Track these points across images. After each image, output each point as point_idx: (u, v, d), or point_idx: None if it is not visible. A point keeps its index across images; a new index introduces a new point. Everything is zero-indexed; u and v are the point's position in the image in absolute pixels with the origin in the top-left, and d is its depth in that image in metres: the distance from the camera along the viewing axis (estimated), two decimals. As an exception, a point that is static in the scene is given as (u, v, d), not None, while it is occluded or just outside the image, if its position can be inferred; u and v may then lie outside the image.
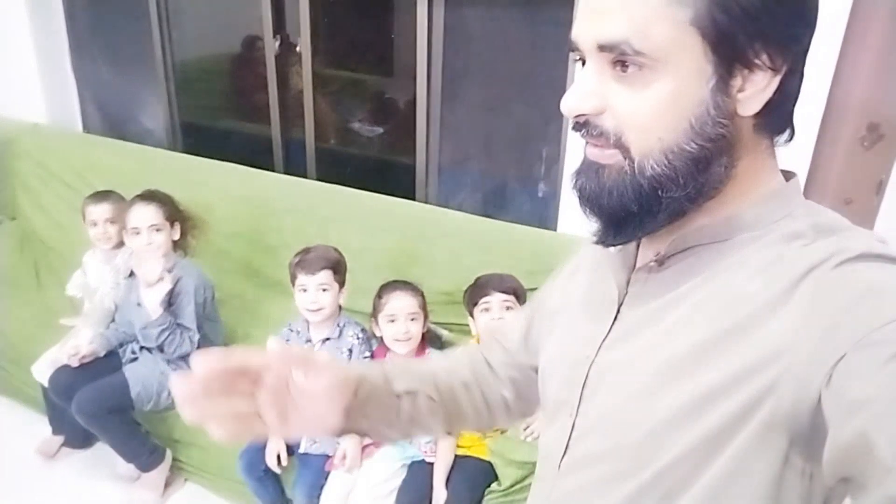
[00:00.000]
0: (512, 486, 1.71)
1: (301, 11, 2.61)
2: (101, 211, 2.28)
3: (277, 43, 2.75)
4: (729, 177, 0.59)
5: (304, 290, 1.87)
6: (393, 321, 1.84)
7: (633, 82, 0.56)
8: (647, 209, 0.58)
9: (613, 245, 0.64)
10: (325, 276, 1.85)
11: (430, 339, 1.94)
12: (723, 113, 0.56)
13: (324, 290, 1.85)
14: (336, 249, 1.96)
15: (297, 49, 2.70)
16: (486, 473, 1.78)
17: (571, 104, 0.59)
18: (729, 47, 0.54)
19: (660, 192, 0.58)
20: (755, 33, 0.54)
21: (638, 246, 0.70)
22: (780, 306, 0.55)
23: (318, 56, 2.70)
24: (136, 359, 2.13)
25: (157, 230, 2.07)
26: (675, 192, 0.58)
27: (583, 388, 0.69)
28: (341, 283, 1.89)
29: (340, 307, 1.95)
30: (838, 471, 0.49)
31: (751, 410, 0.54)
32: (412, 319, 1.84)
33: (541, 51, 2.29)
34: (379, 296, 1.90)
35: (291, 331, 1.96)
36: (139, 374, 2.04)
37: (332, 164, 2.88)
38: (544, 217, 2.44)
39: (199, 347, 2.12)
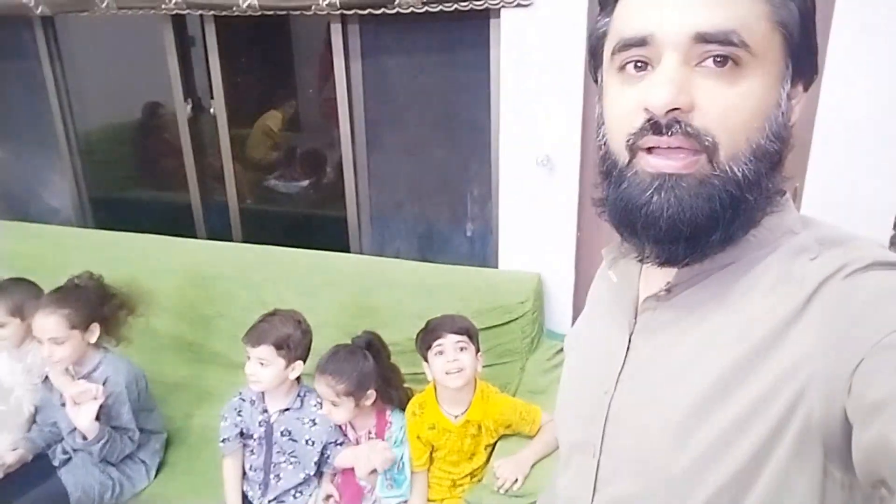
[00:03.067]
0: (492, 535, 1.67)
1: (213, 73, 2.55)
2: None
3: (189, 107, 2.67)
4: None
5: (248, 358, 1.78)
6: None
7: (728, 78, 0.54)
8: (733, 216, 0.57)
9: (680, 265, 0.61)
10: (265, 351, 1.75)
11: (384, 398, 1.87)
12: (787, 118, 0.58)
13: (261, 364, 1.76)
14: (297, 321, 1.84)
15: (211, 111, 2.63)
16: (463, 526, 1.74)
17: (667, 98, 0.54)
18: (799, 55, 0.57)
19: (748, 195, 0.56)
20: (812, 48, 0.58)
21: (640, 271, 0.70)
22: (796, 322, 0.55)
23: (231, 116, 2.63)
24: (69, 459, 1.96)
25: (59, 343, 1.84)
26: (758, 195, 0.57)
27: (604, 425, 0.67)
28: (292, 358, 1.79)
29: (299, 378, 1.86)
30: (867, 474, 0.49)
31: (783, 428, 0.54)
32: (333, 405, 1.76)
33: (461, 92, 2.33)
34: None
35: (244, 400, 1.86)
36: (77, 478, 1.86)
37: (257, 225, 2.80)
38: (483, 256, 2.45)
39: (139, 444, 1.98)
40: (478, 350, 1.78)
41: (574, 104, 2.05)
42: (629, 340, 0.67)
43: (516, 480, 1.68)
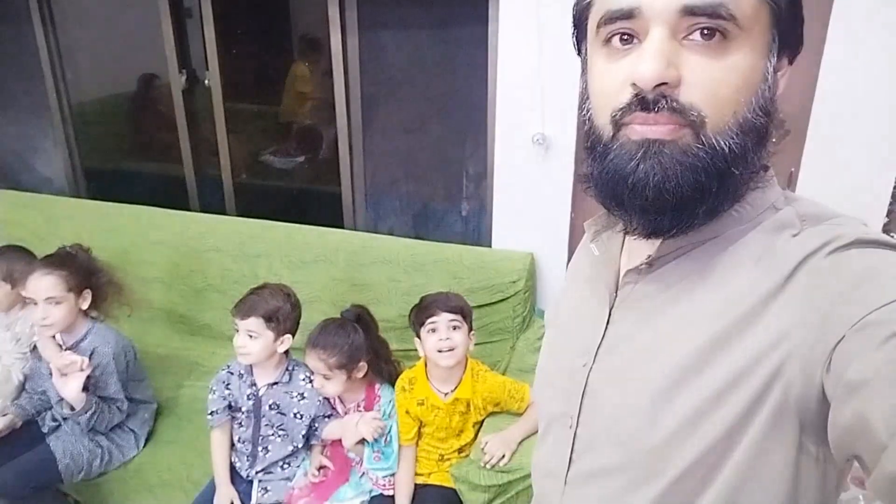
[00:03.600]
0: (479, 510, 1.68)
1: (208, 45, 2.52)
2: None
3: (183, 78, 2.64)
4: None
5: (237, 331, 1.78)
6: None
7: (715, 52, 0.54)
8: (719, 189, 0.56)
9: (666, 236, 0.61)
10: (254, 323, 1.75)
11: (374, 371, 1.88)
12: (772, 91, 0.57)
13: (250, 336, 1.76)
14: (287, 294, 1.84)
15: (206, 83, 2.61)
16: (449, 499, 1.75)
17: (655, 72, 0.53)
18: (784, 27, 0.57)
19: (734, 169, 0.56)
20: (798, 19, 0.58)
21: (622, 244, 0.70)
22: (777, 298, 0.55)
23: (226, 89, 2.61)
24: (58, 426, 1.96)
25: (56, 303, 1.85)
26: (743, 168, 0.57)
27: (582, 397, 0.67)
28: (281, 331, 1.79)
29: (288, 352, 1.86)
30: (842, 450, 0.49)
31: (759, 402, 0.54)
32: (325, 378, 1.77)
33: (458, 70, 2.31)
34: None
35: (232, 373, 1.86)
36: (66, 446, 1.87)
37: (251, 199, 2.79)
38: (476, 234, 2.45)
39: (128, 413, 1.99)
40: (470, 329, 1.78)
41: (571, 83, 2.04)
42: (609, 314, 0.67)
43: (503, 456, 1.69)
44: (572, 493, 0.69)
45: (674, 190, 0.55)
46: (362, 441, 1.77)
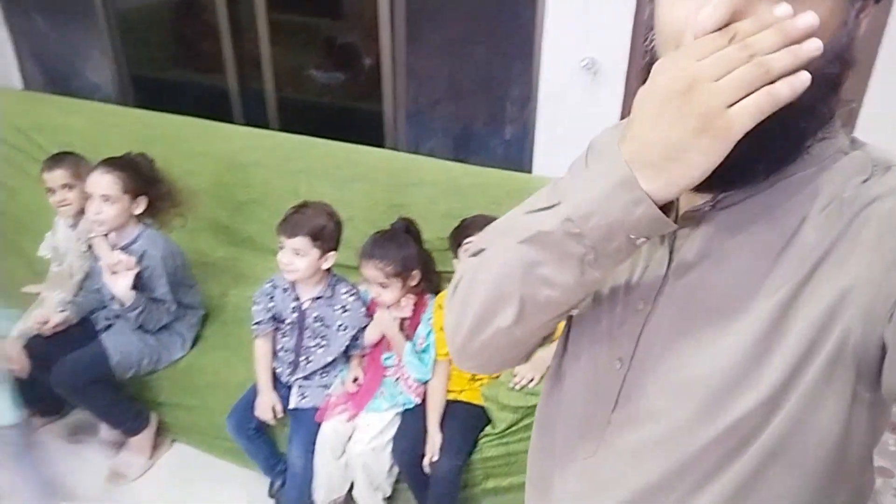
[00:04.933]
0: (506, 429, 1.75)
1: (253, -49, 2.47)
2: (55, 177, 2.15)
3: (228, -13, 2.61)
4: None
5: (282, 248, 1.83)
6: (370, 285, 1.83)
7: None
8: (781, 143, 0.54)
9: (726, 189, 0.58)
10: (301, 242, 1.80)
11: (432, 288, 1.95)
12: (853, 37, 0.54)
13: (297, 254, 1.81)
14: (329, 213, 1.88)
15: (251, -7, 2.57)
16: (478, 417, 1.82)
17: (714, 22, 0.50)
18: None
19: (800, 123, 0.53)
20: None
21: None
22: (840, 244, 0.54)
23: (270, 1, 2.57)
24: (110, 325, 2.07)
25: (110, 202, 1.94)
26: (810, 121, 0.54)
27: (638, 339, 0.65)
28: (326, 249, 1.84)
29: (330, 268, 1.91)
30: None
31: (816, 348, 0.54)
32: (382, 287, 1.83)
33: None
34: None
35: (276, 287, 1.92)
36: (117, 343, 1.98)
37: (294, 114, 2.79)
38: (518, 160, 2.43)
39: (177, 316, 2.08)
40: (508, 252, 1.80)
41: (626, 5, 1.96)
42: (670, 257, 0.64)
43: (532, 379, 1.74)
44: (615, 434, 0.68)
45: (740, 145, 0.51)
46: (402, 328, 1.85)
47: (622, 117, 2.10)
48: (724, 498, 0.60)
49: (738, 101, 0.48)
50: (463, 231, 1.78)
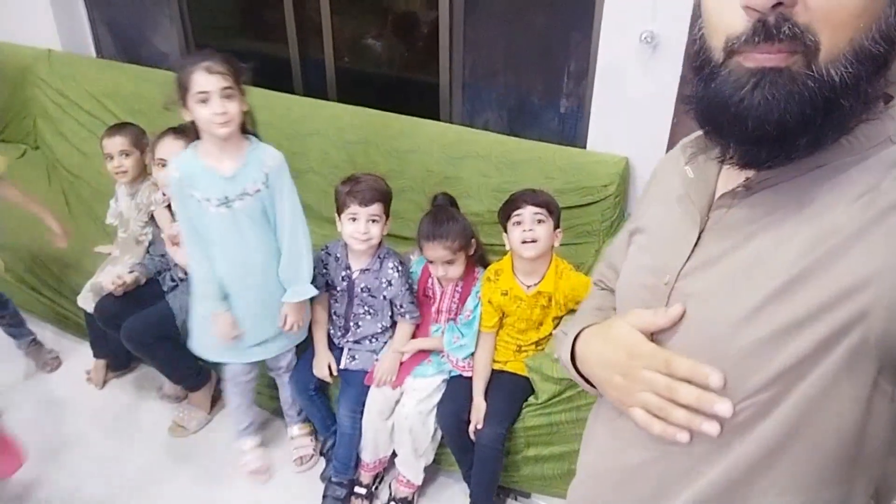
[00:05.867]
0: (549, 399, 1.78)
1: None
2: (114, 144, 2.21)
3: (291, -43, 2.65)
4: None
5: (354, 220, 1.85)
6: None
7: None
8: (824, 121, 0.54)
9: (763, 166, 0.60)
10: (377, 208, 1.85)
11: (478, 260, 1.99)
12: None
13: (374, 221, 1.85)
14: (384, 180, 1.93)
15: (313, -37, 2.60)
16: (523, 387, 1.86)
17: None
18: None
19: (843, 101, 0.53)
20: None
21: (720, 169, 0.69)
22: (871, 235, 0.54)
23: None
24: (175, 286, 2.18)
25: None
26: (854, 100, 0.54)
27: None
28: (388, 216, 1.90)
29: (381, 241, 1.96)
30: None
31: (838, 337, 0.55)
32: (449, 263, 1.88)
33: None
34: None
35: (329, 254, 1.99)
36: (182, 304, 2.08)
37: (352, 84, 2.83)
38: (572, 134, 2.42)
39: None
40: (557, 226, 1.81)
41: (689, -22, 1.91)
42: (699, 236, 0.67)
43: (578, 352, 1.76)
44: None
45: (777, 122, 0.54)
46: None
47: (678, 95, 2.06)
48: (737, 474, 0.63)
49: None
50: (511, 205, 1.80)
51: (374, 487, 2.02)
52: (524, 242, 1.76)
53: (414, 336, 2.00)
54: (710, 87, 0.57)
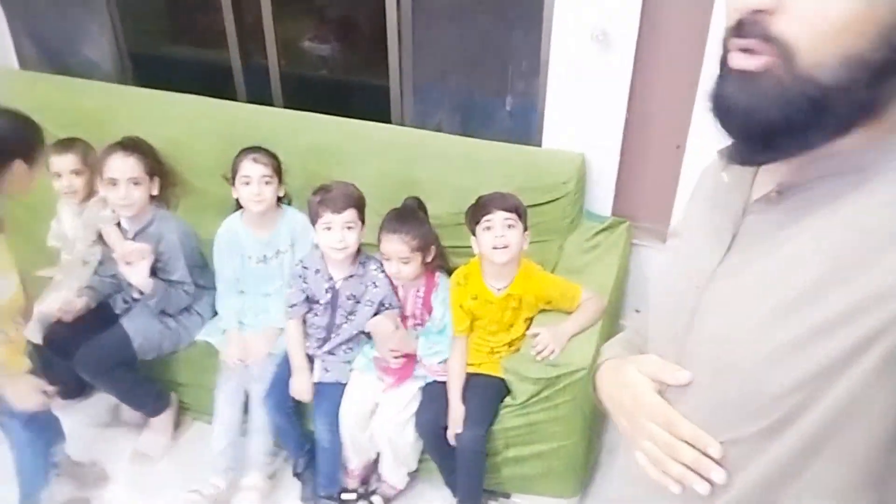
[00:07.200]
0: (527, 400, 1.79)
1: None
2: (64, 162, 2.11)
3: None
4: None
5: (329, 229, 1.82)
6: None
7: None
8: (809, 123, 0.55)
9: (758, 164, 0.62)
10: (351, 214, 1.82)
11: (438, 266, 1.97)
12: None
13: (349, 228, 1.82)
14: (355, 186, 1.91)
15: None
16: (499, 389, 1.86)
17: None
18: None
19: (832, 104, 0.54)
20: None
21: (755, 175, 0.69)
22: None
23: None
24: (129, 308, 2.09)
25: (136, 184, 1.95)
26: (844, 106, 0.54)
27: (692, 317, 0.69)
28: (363, 221, 1.87)
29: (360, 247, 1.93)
30: None
31: (869, 344, 0.54)
32: (404, 262, 1.85)
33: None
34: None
35: (307, 268, 1.94)
36: (138, 326, 2.00)
37: (298, 90, 2.76)
38: (526, 132, 2.43)
39: (195, 297, 2.10)
40: (525, 229, 1.82)
41: (637, -25, 1.94)
42: (731, 240, 0.67)
43: (553, 350, 1.77)
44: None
45: (762, 121, 0.56)
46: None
47: (631, 91, 2.10)
48: (769, 477, 0.63)
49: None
50: (481, 209, 1.80)
51: (365, 489, 2.00)
52: (495, 248, 1.76)
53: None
54: (715, 84, 0.60)
